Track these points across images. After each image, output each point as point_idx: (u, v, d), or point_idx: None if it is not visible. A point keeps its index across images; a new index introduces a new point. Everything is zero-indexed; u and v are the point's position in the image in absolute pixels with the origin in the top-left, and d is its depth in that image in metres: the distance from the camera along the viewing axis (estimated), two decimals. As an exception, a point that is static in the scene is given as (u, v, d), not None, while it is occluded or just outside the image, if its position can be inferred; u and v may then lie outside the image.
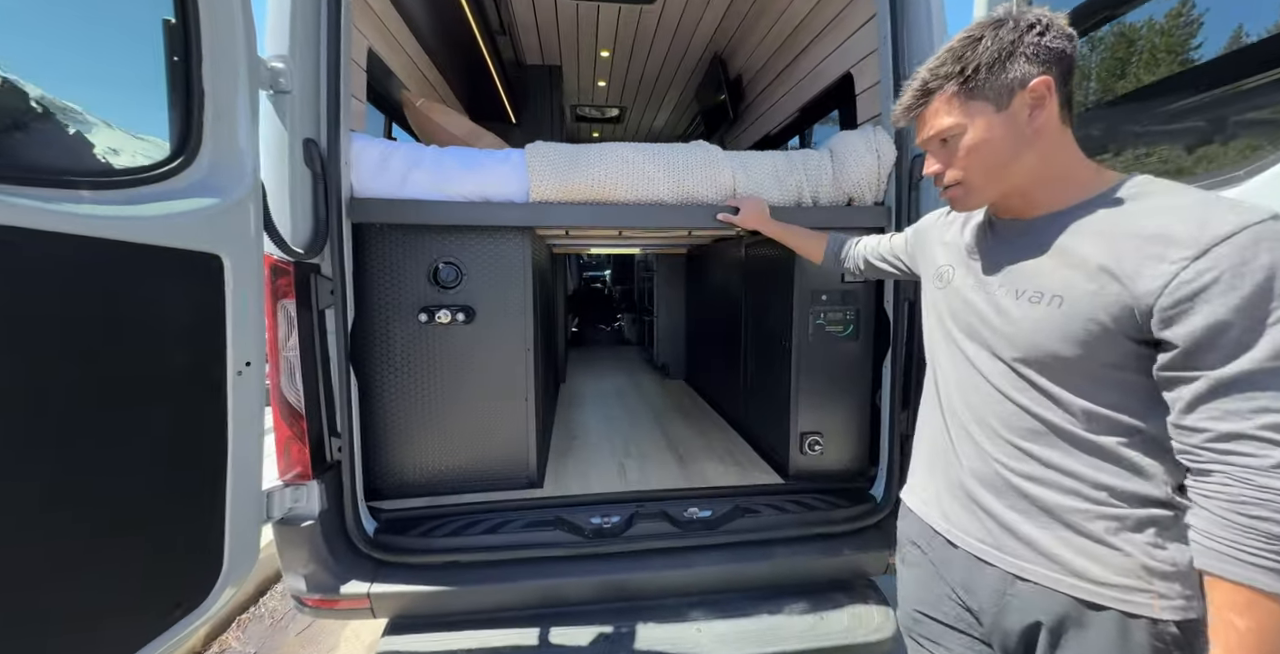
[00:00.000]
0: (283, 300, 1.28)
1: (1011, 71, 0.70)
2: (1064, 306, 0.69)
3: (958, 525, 0.85)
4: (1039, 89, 0.69)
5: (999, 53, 0.69)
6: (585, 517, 1.57)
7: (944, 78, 0.74)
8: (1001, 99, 0.71)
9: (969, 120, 0.73)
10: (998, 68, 0.70)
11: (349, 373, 1.42)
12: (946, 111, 0.75)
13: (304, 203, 1.31)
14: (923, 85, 0.76)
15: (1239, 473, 0.57)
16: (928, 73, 0.76)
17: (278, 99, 1.24)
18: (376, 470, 1.65)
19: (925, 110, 0.78)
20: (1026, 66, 0.69)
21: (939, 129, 0.76)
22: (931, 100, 0.76)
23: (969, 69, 0.71)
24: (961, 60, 0.72)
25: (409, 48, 2.21)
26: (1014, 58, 0.69)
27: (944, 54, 0.75)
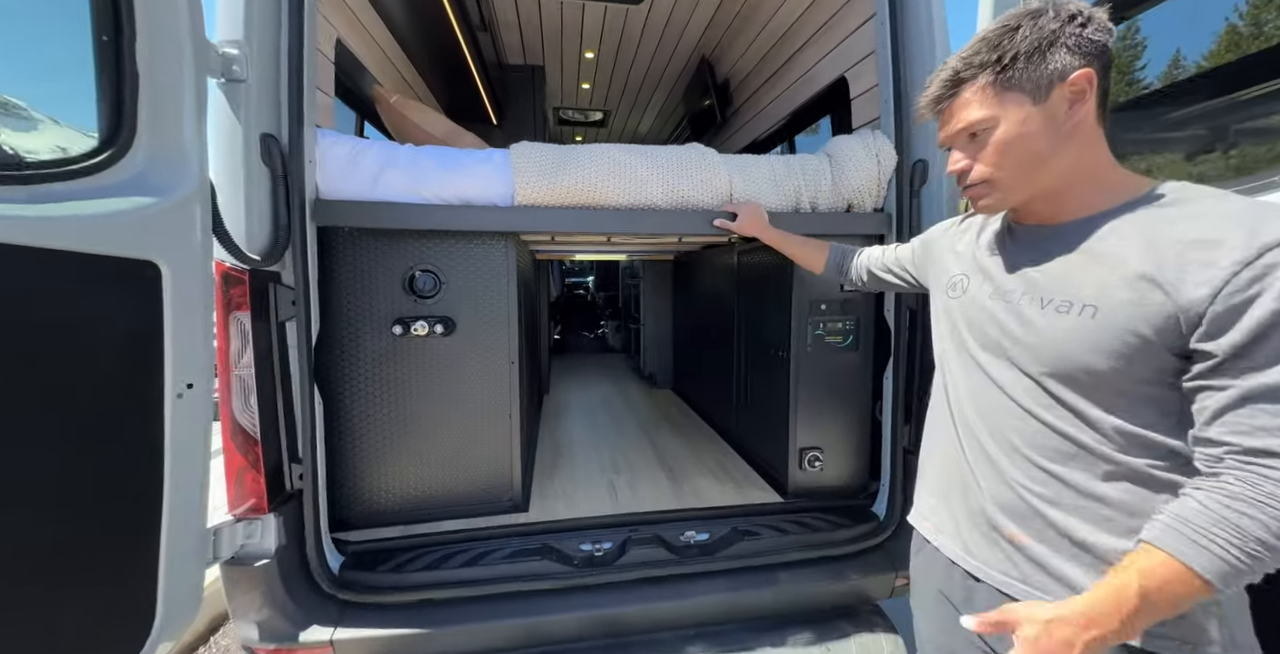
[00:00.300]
0: (236, 312, 1.14)
1: (1052, 62, 0.65)
2: (1098, 317, 0.64)
3: (979, 557, 0.79)
4: (1080, 82, 0.65)
5: (1039, 41, 0.65)
6: (574, 543, 1.45)
7: (978, 67, 0.69)
8: (1040, 91, 0.66)
9: (1003, 113, 0.68)
10: (1037, 58, 0.65)
11: (312, 391, 1.29)
12: (979, 103, 0.69)
13: (262, 204, 1.18)
14: (954, 75, 0.71)
15: (1250, 477, 0.54)
16: (959, 62, 0.71)
17: (231, 89, 1.11)
18: (343, 498, 1.51)
19: (954, 102, 0.72)
20: (1068, 58, 0.64)
21: (969, 122, 0.71)
22: (962, 91, 0.71)
23: (1006, 58, 0.66)
24: (998, 49, 0.67)
25: (382, 40, 2.09)
26: (1055, 48, 0.65)
27: (977, 43, 0.69)
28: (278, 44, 1.18)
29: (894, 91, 1.51)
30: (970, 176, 0.74)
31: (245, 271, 1.13)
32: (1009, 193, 0.73)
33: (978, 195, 0.75)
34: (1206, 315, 0.56)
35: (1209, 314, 0.56)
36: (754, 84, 2.74)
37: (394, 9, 2.03)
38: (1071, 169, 0.69)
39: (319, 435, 1.32)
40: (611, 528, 1.55)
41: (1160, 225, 0.62)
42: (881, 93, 1.57)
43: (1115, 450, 0.65)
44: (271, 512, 1.19)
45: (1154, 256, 0.61)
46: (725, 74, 3.01)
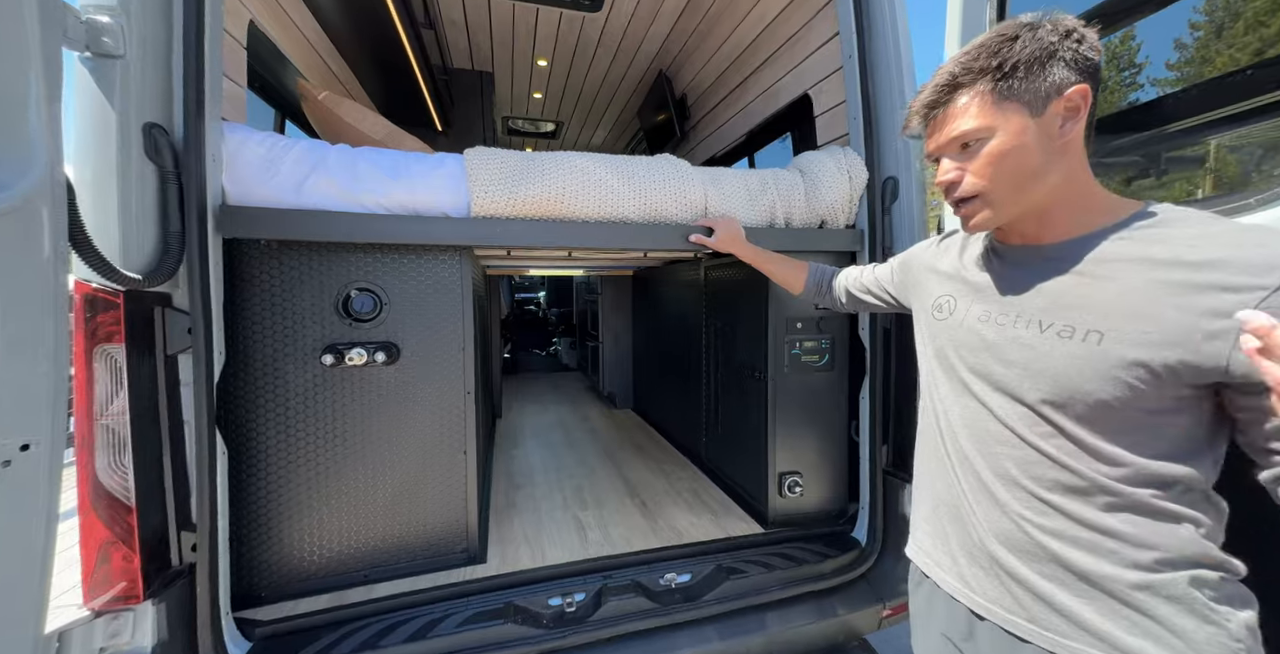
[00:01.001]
0: (104, 346, 0.90)
1: (1050, 75, 0.63)
2: (1103, 344, 0.61)
3: (981, 593, 0.75)
4: (1075, 98, 0.63)
5: (1039, 52, 0.63)
6: (543, 598, 1.27)
7: (977, 72, 0.65)
8: (1037, 104, 0.63)
9: (1000, 123, 0.65)
10: (1037, 68, 0.63)
11: (214, 438, 1.05)
12: (977, 112, 0.65)
13: (146, 210, 0.95)
14: (950, 79, 0.67)
15: None
16: (957, 66, 0.67)
17: (102, 66, 0.89)
18: (252, 566, 1.24)
19: (947, 110, 0.68)
20: (1065, 72, 0.63)
21: (963, 131, 0.66)
22: (957, 98, 0.67)
23: (1006, 65, 0.63)
24: (998, 55, 0.64)
25: (306, 28, 1.86)
26: (1054, 61, 0.63)
27: (975, 49, 0.66)
28: (169, 17, 0.97)
29: (863, 109, 1.49)
30: (961, 189, 0.70)
31: (119, 294, 0.90)
32: (1000, 209, 0.69)
33: (970, 213, 0.71)
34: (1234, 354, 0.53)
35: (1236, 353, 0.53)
36: (713, 99, 2.73)
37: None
38: (1060, 187, 0.67)
39: (221, 493, 1.08)
40: (584, 576, 1.38)
41: (1158, 249, 0.60)
42: (849, 110, 1.56)
43: (1119, 482, 0.62)
44: (149, 598, 0.93)
45: (1157, 282, 0.58)
46: (683, 88, 2.99)
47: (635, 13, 2.46)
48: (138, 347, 0.94)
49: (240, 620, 1.12)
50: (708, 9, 2.35)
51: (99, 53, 0.89)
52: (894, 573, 1.46)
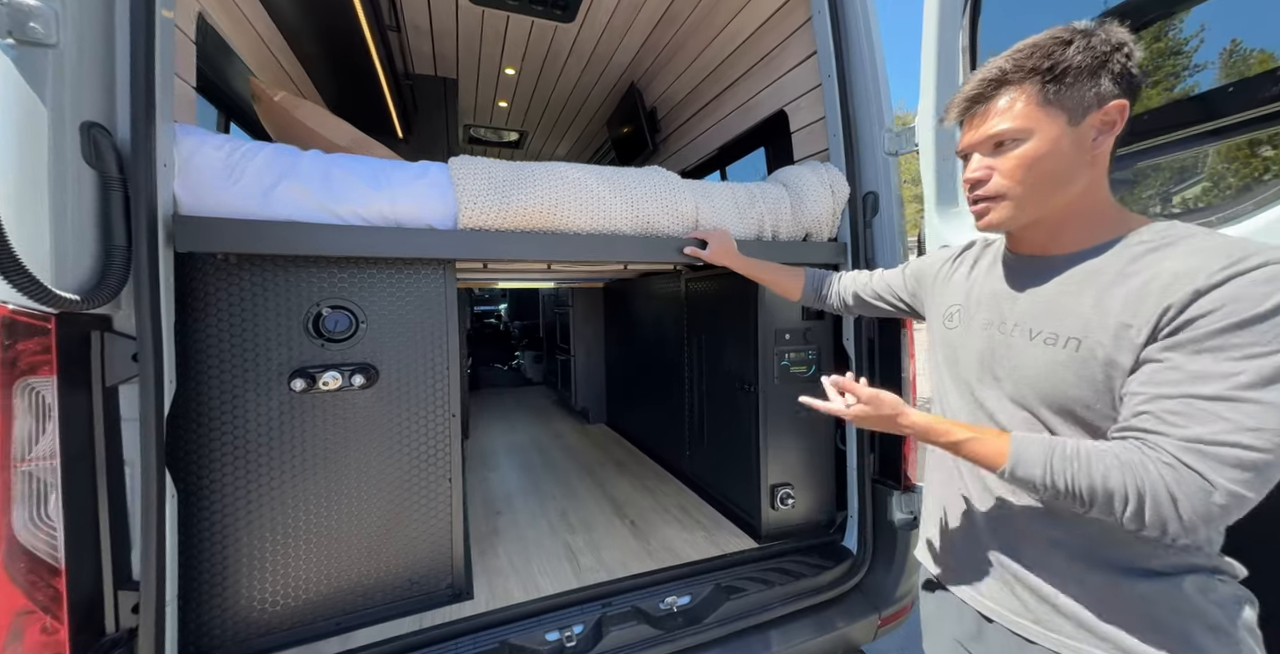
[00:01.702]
0: (27, 379, 0.77)
1: (1096, 86, 0.63)
2: (1081, 350, 0.64)
3: (990, 597, 0.76)
4: (1113, 112, 0.64)
5: (1092, 60, 0.63)
6: (539, 633, 1.19)
7: (1028, 72, 0.65)
8: (1077, 113, 0.64)
9: (1039, 127, 0.65)
10: (1086, 77, 0.63)
11: (163, 480, 0.91)
12: (1020, 113, 0.66)
13: (84, 221, 0.83)
14: (1000, 74, 0.67)
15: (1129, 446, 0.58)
16: (1009, 62, 0.66)
17: (28, 55, 0.77)
18: (209, 622, 1.09)
19: (989, 106, 0.68)
20: (1110, 85, 0.63)
21: (1000, 131, 0.67)
22: (1000, 95, 0.67)
23: (1059, 68, 0.64)
24: (1052, 57, 0.64)
25: (258, 22, 1.72)
26: (1103, 71, 0.63)
27: (1028, 47, 0.66)
28: (111, 4, 0.86)
29: (843, 126, 1.54)
30: (986, 187, 0.71)
31: (49, 317, 0.77)
32: (1019, 211, 0.70)
33: (984, 209, 0.72)
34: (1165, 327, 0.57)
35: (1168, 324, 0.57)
36: (686, 112, 2.76)
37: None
38: (1079, 200, 0.68)
39: (171, 542, 0.94)
40: (580, 605, 1.31)
41: (1144, 268, 0.62)
42: (829, 127, 1.60)
43: None
44: (84, 676, 0.79)
45: (1137, 295, 0.61)
46: (654, 101, 3.01)
47: (609, 24, 2.46)
48: (71, 378, 0.81)
49: (193, 689, 0.98)
50: (681, 23, 2.38)
51: (25, 40, 0.77)
52: (886, 581, 1.47)
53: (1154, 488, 0.54)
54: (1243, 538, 0.66)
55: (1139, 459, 0.56)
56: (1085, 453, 0.59)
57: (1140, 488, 0.55)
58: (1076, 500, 0.59)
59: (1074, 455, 0.60)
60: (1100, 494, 0.57)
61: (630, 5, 2.29)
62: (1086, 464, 0.58)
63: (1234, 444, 0.52)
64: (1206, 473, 0.53)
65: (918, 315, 1.04)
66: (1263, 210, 0.80)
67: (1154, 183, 1.29)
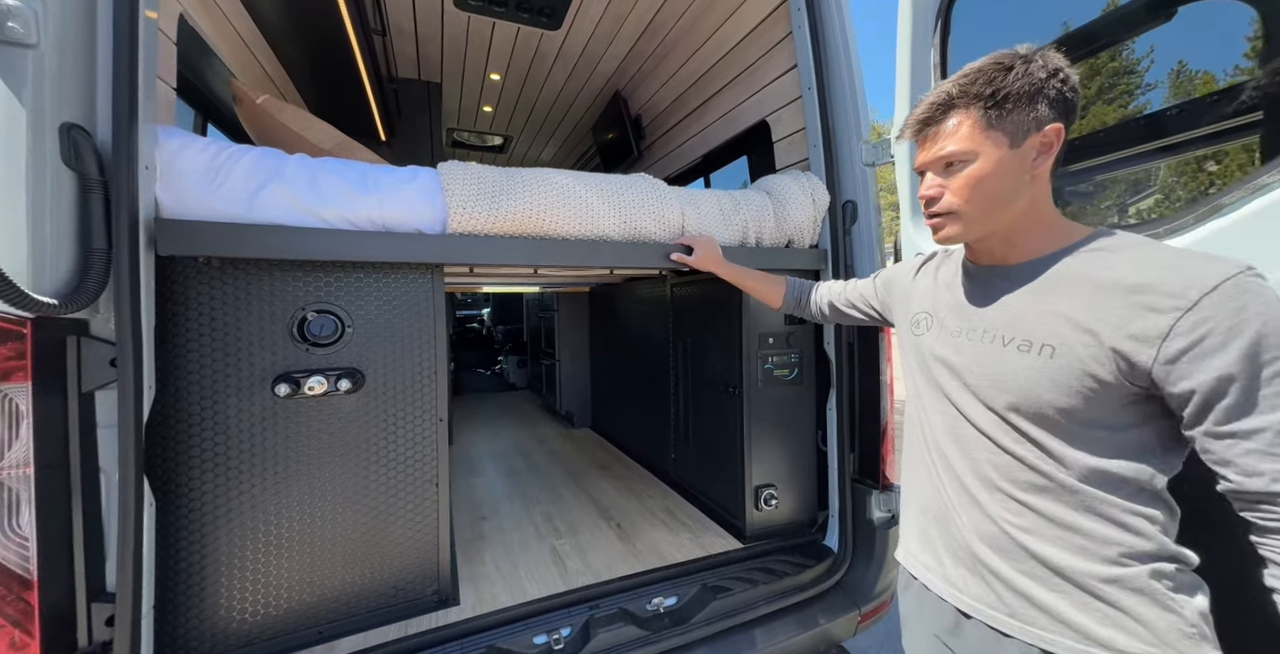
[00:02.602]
0: (1, 385, 0.74)
1: (1034, 111, 0.68)
2: (1056, 357, 0.67)
3: (967, 592, 0.79)
4: (1050, 135, 0.69)
5: (1029, 87, 0.68)
6: (527, 637, 1.19)
7: (973, 97, 0.70)
8: (1018, 135, 0.69)
9: (982, 149, 0.71)
10: (1025, 102, 0.68)
11: (140, 488, 0.89)
12: (964, 136, 0.71)
13: (63, 223, 0.81)
14: (947, 99, 0.72)
15: None
16: (955, 87, 0.71)
17: (9, 55, 0.76)
18: (185, 634, 1.07)
19: (938, 128, 0.74)
20: (1047, 109, 0.69)
21: (948, 152, 0.72)
22: (948, 118, 0.73)
23: (1000, 94, 0.68)
24: (993, 84, 0.69)
25: (241, 25, 1.70)
26: (1040, 97, 0.68)
27: (973, 73, 0.71)
28: (93, 5, 0.85)
29: (823, 137, 1.60)
30: (939, 204, 0.76)
31: (25, 322, 0.75)
32: (969, 227, 0.75)
33: (939, 225, 0.77)
34: (1158, 358, 0.60)
35: (1160, 357, 0.60)
36: (670, 120, 2.80)
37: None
38: (1025, 214, 0.73)
39: (148, 552, 0.92)
40: (568, 608, 1.32)
41: (1098, 271, 0.66)
42: (810, 137, 1.66)
43: (1081, 483, 0.67)
44: (56, 692, 0.77)
45: (1099, 302, 0.65)
46: (639, 108, 3.05)
47: (594, 33, 2.49)
48: (45, 384, 0.79)
49: (170, 702, 0.95)
50: (666, 33, 2.43)
51: (3, 40, 0.76)
52: (865, 578, 1.52)
53: None
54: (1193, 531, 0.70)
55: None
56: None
57: None
58: None
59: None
60: None
61: (616, 15, 2.33)
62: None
63: None
64: None
65: (888, 322, 1.08)
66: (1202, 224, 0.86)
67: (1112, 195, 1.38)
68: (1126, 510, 0.66)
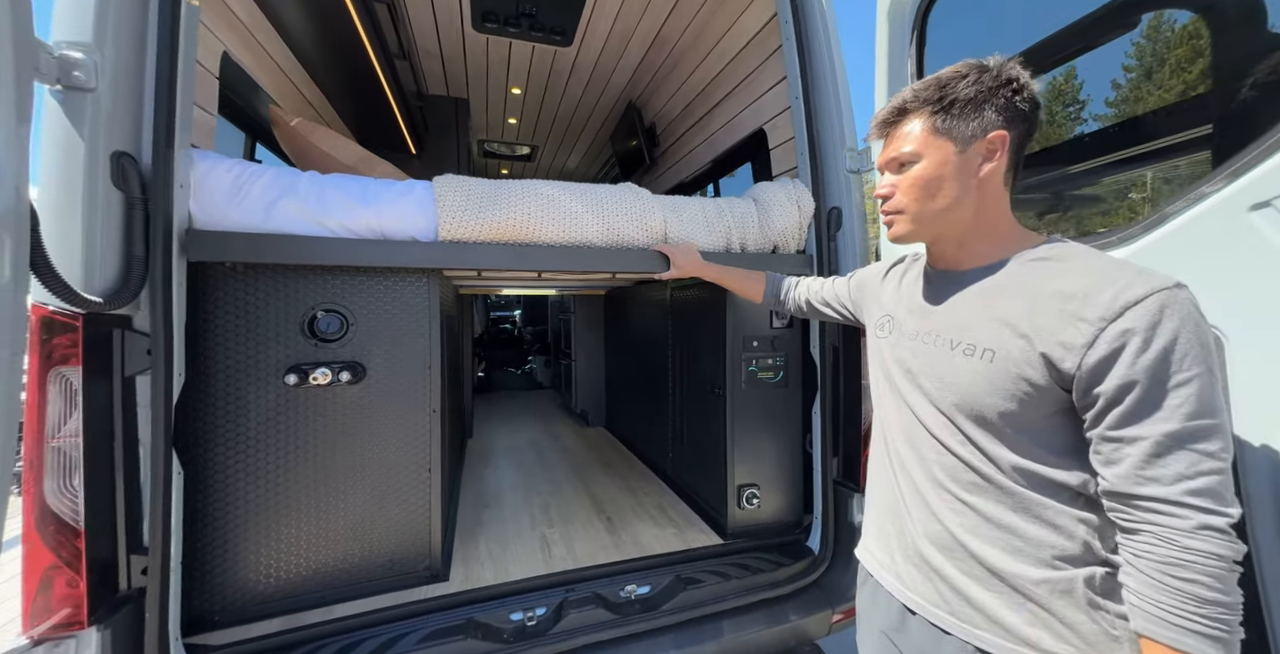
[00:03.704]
0: (60, 368, 0.91)
1: (980, 118, 0.71)
2: (995, 361, 0.69)
3: (913, 589, 0.81)
4: (995, 142, 0.71)
5: (977, 94, 0.71)
6: (504, 613, 1.29)
7: (923, 101, 0.74)
8: (963, 141, 0.72)
9: (928, 151, 0.74)
10: (971, 109, 0.71)
11: (169, 460, 1.05)
12: (914, 138, 0.75)
13: (110, 235, 0.98)
14: (902, 103, 0.77)
15: (1165, 534, 0.58)
16: (910, 93, 0.76)
17: (72, 99, 0.93)
18: (207, 589, 1.22)
19: (896, 130, 0.78)
20: (993, 117, 0.71)
21: (899, 153, 0.76)
22: (904, 121, 0.77)
23: (946, 100, 0.72)
24: (943, 90, 0.73)
25: (280, 58, 1.91)
26: (987, 105, 0.71)
27: (931, 80, 0.75)
28: (142, 52, 1.02)
29: (809, 146, 1.62)
30: (890, 203, 0.80)
31: (78, 316, 0.91)
32: (917, 226, 0.78)
33: (889, 222, 0.81)
34: (1082, 365, 0.61)
35: (1084, 364, 0.61)
36: (679, 129, 2.87)
37: (297, 28, 1.88)
38: (971, 220, 0.75)
39: (176, 514, 1.07)
40: (545, 590, 1.40)
41: (1042, 281, 0.68)
42: (797, 146, 1.69)
43: (1016, 485, 0.69)
44: (94, 624, 0.92)
45: (1036, 308, 0.66)
46: (652, 118, 3.13)
47: (604, 48, 2.60)
48: (95, 368, 0.95)
49: (191, 646, 1.10)
50: (672, 46, 2.51)
51: (70, 86, 0.93)
52: (844, 579, 1.52)
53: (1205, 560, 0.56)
54: None
55: (1182, 542, 0.57)
56: (1172, 578, 0.58)
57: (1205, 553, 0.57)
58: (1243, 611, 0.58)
59: (1186, 593, 0.57)
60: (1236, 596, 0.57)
61: (623, 30, 2.43)
62: (1188, 584, 0.57)
63: (1209, 472, 0.57)
64: (1220, 506, 0.57)
65: (860, 322, 1.10)
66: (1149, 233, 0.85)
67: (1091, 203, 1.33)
68: (1061, 514, 0.67)
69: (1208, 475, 0.57)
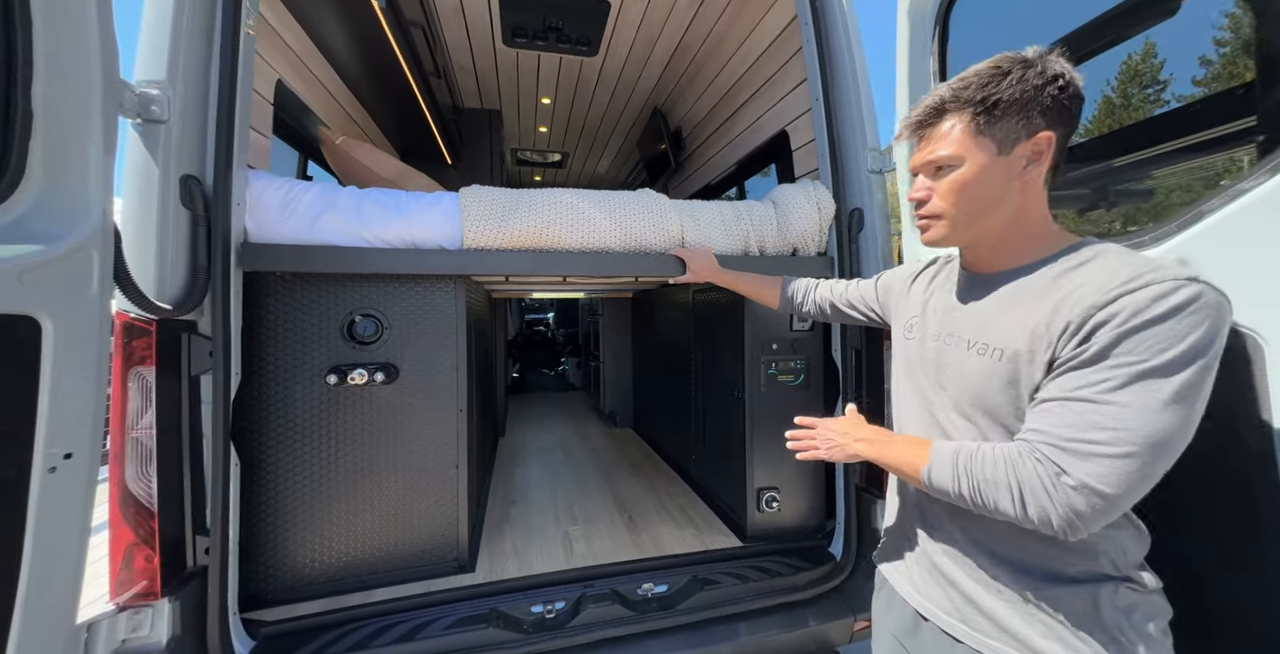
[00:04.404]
0: (138, 368, 1.03)
1: (1025, 119, 0.67)
2: (1003, 359, 0.68)
3: (926, 596, 0.80)
4: (1041, 143, 0.68)
5: (1021, 94, 0.66)
6: (525, 605, 1.34)
7: (964, 102, 0.69)
8: (1006, 144, 0.68)
9: (970, 155, 0.70)
10: (1015, 110, 0.67)
11: (228, 452, 1.16)
12: (954, 141, 0.71)
13: (179, 249, 1.10)
14: (940, 102, 0.72)
15: (1022, 448, 0.63)
16: (949, 91, 0.71)
17: (149, 129, 1.05)
18: (259, 570, 1.34)
19: (932, 131, 0.74)
20: (1039, 118, 0.67)
21: (938, 157, 0.72)
22: (942, 122, 0.72)
23: (990, 100, 0.67)
24: (985, 89, 0.68)
25: (329, 83, 2.07)
26: (1032, 105, 0.66)
27: (969, 77, 0.70)
28: (206, 85, 1.14)
29: (829, 147, 1.61)
30: (927, 207, 0.77)
31: (153, 322, 1.03)
32: (954, 231, 0.75)
33: (925, 226, 0.78)
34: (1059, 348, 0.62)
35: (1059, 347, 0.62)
36: (704, 133, 2.89)
37: (343, 54, 2.03)
38: (1010, 223, 0.73)
39: (233, 501, 1.19)
40: (565, 585, 1.45)
41: (1064, 280, 0.66)
42: (818, 147, 1.68)
43: None
44: (166, 595, 1.04)
45: (1050, 306, 0.64)
46: (677, 122, 3.17)
47: (629, 56, 2.66)
48: (166, 368, 1.08)
49: (246, 621, 1.22)
50: (695, 52, 2.54)
51: (149, 119, 1.05)
52: (867, 587, 1.48)
53: (1029, 479, 0.60)
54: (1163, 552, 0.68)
55: (1017, 455, 0.62)
56: (983, 452, 0.66)
57: (1020, 480, 0.61)
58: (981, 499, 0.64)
59: (974, 454, 0.66)
60: (994, 489, 0.63)
61: (646, 39, 2.48)
62: (981, 462, 0.65)
63: (1088, 440, 0.57)
64: (1064, 465, 0.58)
65: (886, 324, 1.08)
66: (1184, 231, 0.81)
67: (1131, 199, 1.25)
68: None
69: (1086, 443, 0.58)
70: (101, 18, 0.83)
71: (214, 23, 1.13)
